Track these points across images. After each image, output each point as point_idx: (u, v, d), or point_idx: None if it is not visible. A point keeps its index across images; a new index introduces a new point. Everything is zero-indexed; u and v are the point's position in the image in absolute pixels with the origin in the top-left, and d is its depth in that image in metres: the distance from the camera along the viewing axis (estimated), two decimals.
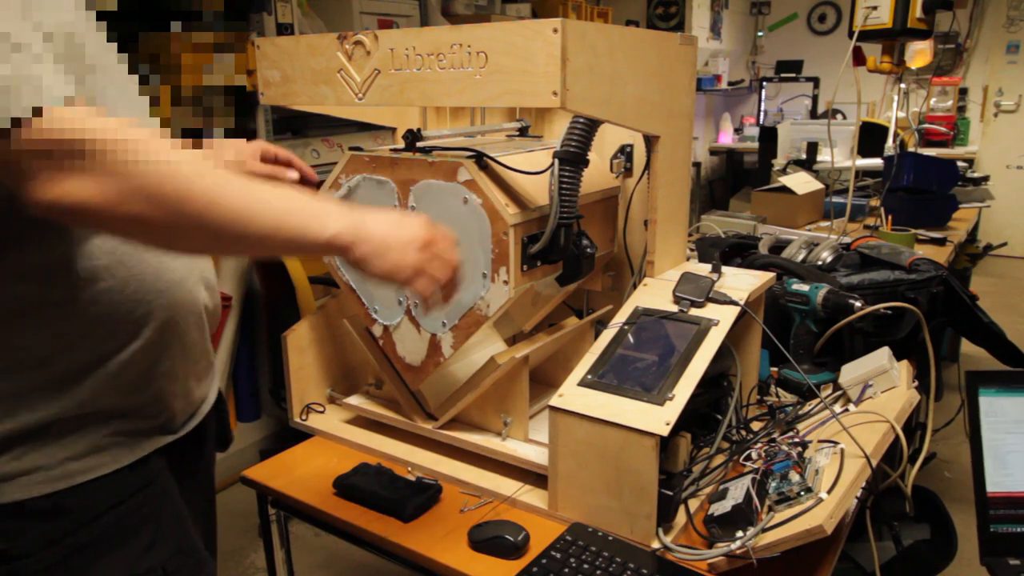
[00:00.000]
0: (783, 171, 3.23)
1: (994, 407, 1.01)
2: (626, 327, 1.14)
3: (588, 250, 1.17)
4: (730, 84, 6.60)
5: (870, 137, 3.27)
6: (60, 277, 0.80)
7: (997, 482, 0.99)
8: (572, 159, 1.10)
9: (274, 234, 0.75)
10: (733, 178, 6.31)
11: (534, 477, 1.15)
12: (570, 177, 1.10)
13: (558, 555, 0.97)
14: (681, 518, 1.04)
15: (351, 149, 1.23)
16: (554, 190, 1.10)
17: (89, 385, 0.84)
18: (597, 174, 1.31)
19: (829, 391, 1.31)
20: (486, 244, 1.10)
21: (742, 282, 1.23)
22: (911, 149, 3.41)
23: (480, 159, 1.10)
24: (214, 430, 1.13)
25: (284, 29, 2.75)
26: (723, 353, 1.13)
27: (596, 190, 1.29)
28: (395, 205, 1.18)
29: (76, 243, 0.80)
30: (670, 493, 1.00)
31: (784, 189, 2.83)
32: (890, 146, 3.16)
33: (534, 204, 1.11)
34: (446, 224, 1.12)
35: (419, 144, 1.19)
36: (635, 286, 1.25)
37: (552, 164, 1.10)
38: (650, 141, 1.18)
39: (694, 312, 1.14)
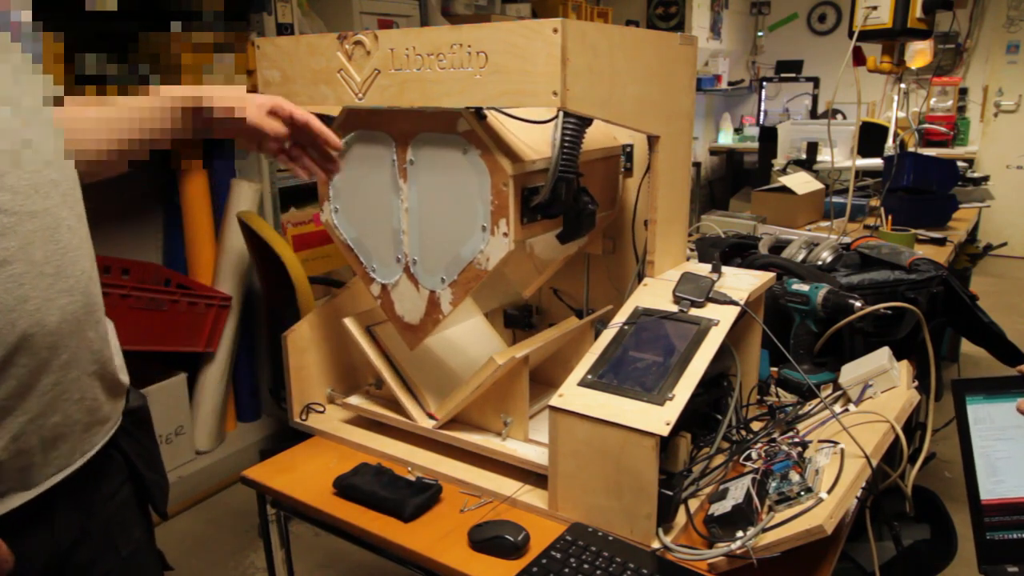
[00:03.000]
0: (783, 171, 3.23)
1: (981, 414, 1.01)
2: (626, 327, 1.14)
3: (589, 206, 1.17)
4: (730, 84, 6.60)
5: (870, 137, 3.28)
6: None
7: (990, 489, 0.99)
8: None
9: None
10: (733, 178, 6.31)
11: (534, 477, 1.15)
12: (574, 129, 1.08)
13: (558, 555, 0.97)
14: (681, 518, 1.04)
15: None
16: (556, 140, 1.08)
17: None
18: (599, 134, 1.31)
19: (829, 391, 1.31)
20: (485, 196, 1.09)
21: (742, 282, 1.23)
22: (911, 149, 3.42)
23: (479, 109, 1.09)
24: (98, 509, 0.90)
25: (284, 29, 2.75)
26: (723, 353, 1.13)
27: (597, 147, 1.28)
28: (393, 160, 1.18)
29: None
30: (670, 493, 1.00)
31: (784, 189, 2.83)
32: (890, 146, 3.16)
33: (534, 156, 1.11)
34: (445, 177, 1.12)
35: None
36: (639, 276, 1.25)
37: (557, 115, 1.09)
38: (650, 141, 1.18)
39: (694, 312, 1.14)
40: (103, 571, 0.91)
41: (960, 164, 3.23)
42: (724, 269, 1.26)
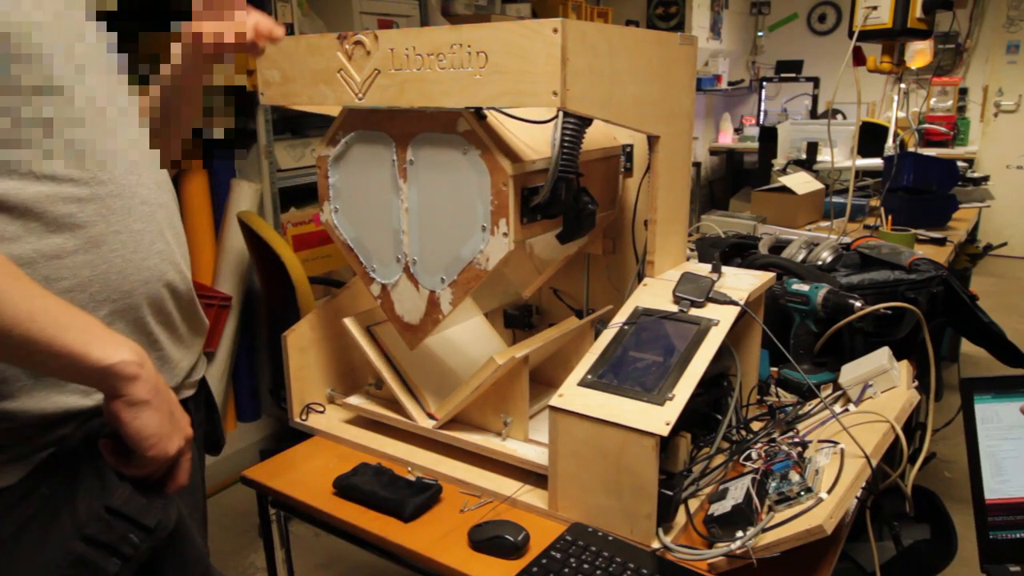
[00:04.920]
0: (783, 171, 3.23)
1: (989, 413, 1.01)
2: (626, 327, 1.14)
3: (589, 206, 1.17)
4: (730, 84, 6.60)
5: (870, 137, 3.28)
6: None
7: (994, 489, 0.99)
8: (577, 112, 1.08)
9: (45, 346, 0.68)
10: (733, 178, 6.31)
11: (534, 477, 1.15)
12: (574, 128, 1.08)
13: (558, 555, 0.97)
14: (681, 518, 1.04)
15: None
16: (556, 140, 1.08)
17: None
18: (599, 134, 1.31)
19: (829, 391, 1.31)
20: (485, 196, 1.09)
21: (742, 282, 1.23)
22: (911, 149, 3.42)
23: (479, 109, 1.09)
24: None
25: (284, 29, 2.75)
26: (723, 353, 1.13)
27: (597, 147, 1.28)
28: (393, 160, 1.18)
29: None
30: (670, 493, 1.00)
31: (784, 189, 2.83)
32: (890, 146, 3.16)
33: (534, 156, 1.11)
34: (445, 177, 1.13)
35: None
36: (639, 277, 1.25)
37: (557, 115, 1.09)
38: (650, 141, 1.18)
39: (694, 312, 1.14)
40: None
41: (960, 164, 3.22)
42: (724, 269, 1.26)
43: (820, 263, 1.74)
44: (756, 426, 1.26)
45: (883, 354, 1.24)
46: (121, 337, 0.74)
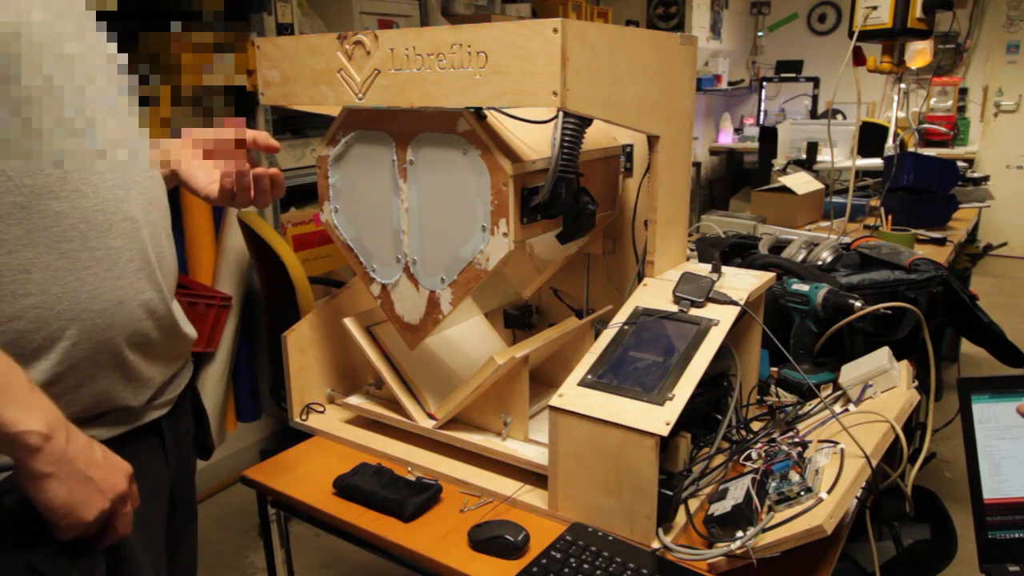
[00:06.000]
0: (783, 171, 3.23)
1: (987, 413, 1.01)
2: (626, 327, 1.14)
3: (589, 206, 1.17)
4: (730, 84, 6.60)
5: (870, 137, 3.27)
6: None
7: (993, 488, 0.99)
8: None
9: None
10: (733, 178, 6.31)
11: (534, 477, 1.15)
12: (574, 129, 1.08)
13: (558, 555, 0.97)
14: (681, 518, 1.04)
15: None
16: (556, 140, 1.08)
17: None
18: (599, 134, 1.31)
19: (829, 391, 1.31)
20: (485, 196, 1.09)
21: (742, 282, 1.23)
22: (911, 149, 3.41)
23: (479, 109, 1.09)
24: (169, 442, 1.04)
25: (284, 29, 2.75)
26: (723, 353, 1.13)
27: (597, 147, 1.28)
28: (393, 160, 1.18)
29: None
30: (670, 493, 1.00)
31: (784, 189, 2.83)
32: (890, 146, 3.16)
33: (534, 156, 1.11)
34: (445, 177, 1.13)
35: None
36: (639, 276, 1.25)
37: (557, 115, 1.09)
38: (650, 141, 1.18)
39: (694, 312, 1.14)
40: (170, 500, 1.03)
41: (960, 164, 3.22)
42: (724, 269, 1.26)
43: (820, 263, 1.73)
44: (756, 426, 1.26)
45: (883, 354, 1.24)
46: (43, 402, 0.71)
